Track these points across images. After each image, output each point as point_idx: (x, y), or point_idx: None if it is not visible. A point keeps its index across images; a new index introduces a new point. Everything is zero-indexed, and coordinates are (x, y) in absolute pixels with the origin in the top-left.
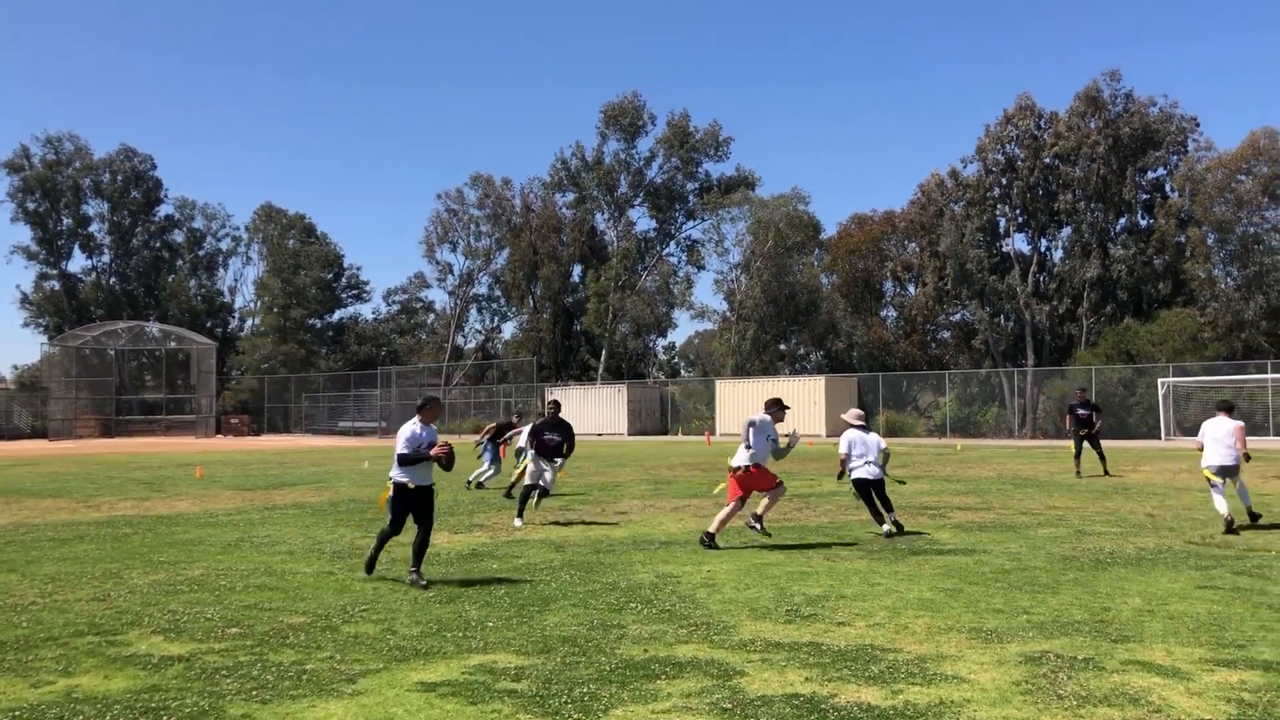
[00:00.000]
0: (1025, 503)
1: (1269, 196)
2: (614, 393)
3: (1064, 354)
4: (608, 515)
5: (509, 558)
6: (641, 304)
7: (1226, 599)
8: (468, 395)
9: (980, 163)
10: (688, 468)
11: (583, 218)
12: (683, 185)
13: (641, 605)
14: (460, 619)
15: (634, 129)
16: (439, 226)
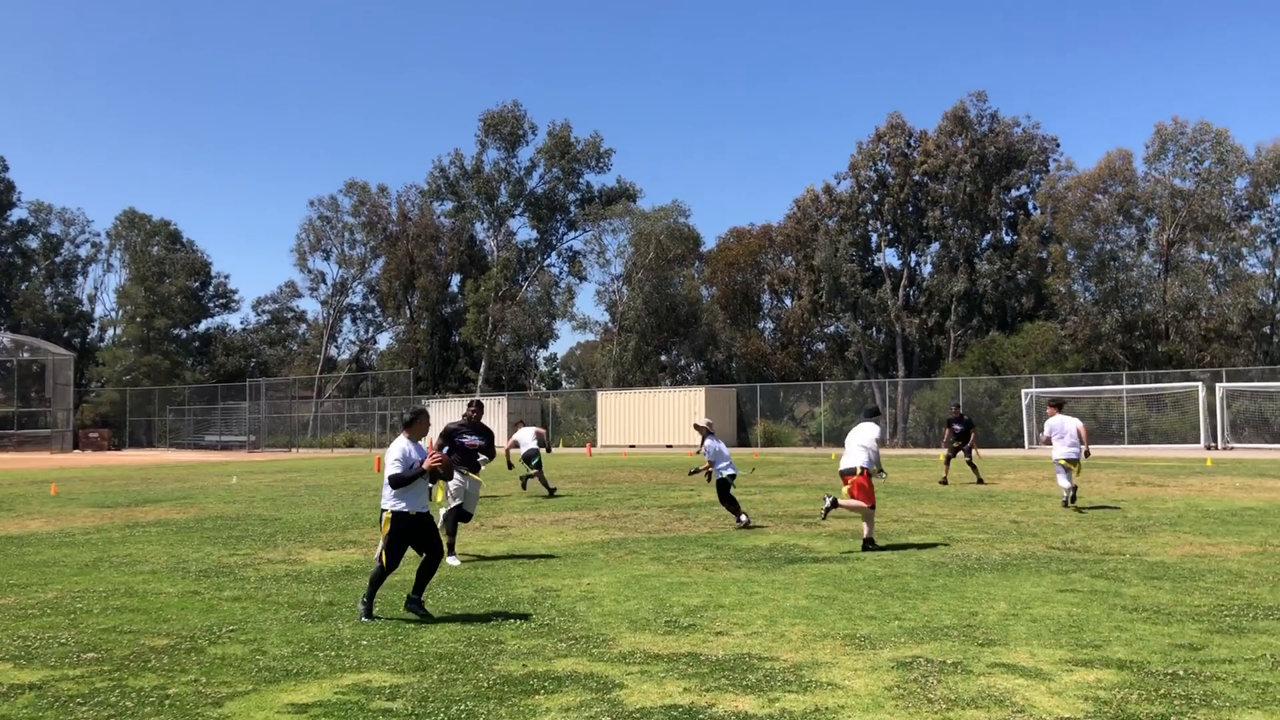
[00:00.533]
0: (896, 510)
1: (1123, 215)
2: (494, 405)
3: (933, 365)
4: (486, 529)
5: None
6: (522, 315)
7: (1085, 601)
8: (341, 408)
9: (853, 179)
10: (568, 480)
11: (461, 227)
12: (564, 195)
13: (520, 620)
14: (333, 638)
15: (514, 138)
16: (311, 234)
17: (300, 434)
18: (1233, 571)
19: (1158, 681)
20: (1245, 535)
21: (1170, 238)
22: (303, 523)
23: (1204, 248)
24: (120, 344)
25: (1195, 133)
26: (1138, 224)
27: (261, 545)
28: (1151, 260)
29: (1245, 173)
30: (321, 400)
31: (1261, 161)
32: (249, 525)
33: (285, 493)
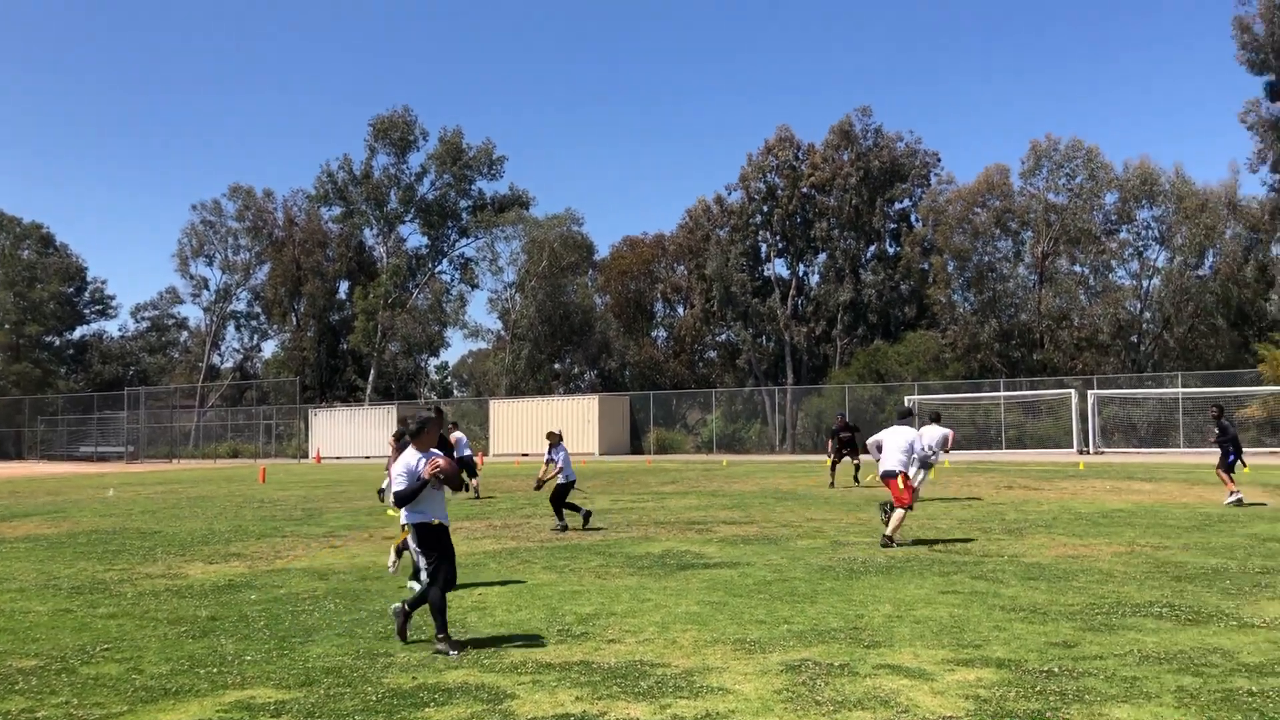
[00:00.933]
0: (786, 516)
1: (1000, 228)
2: (383, 414)
3: (820, 373)
4: (375, 541)
5: (269, 588)
6: (412, 322)
7: (966, 602)
8: (224, 417)
9: (743, 190)
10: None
11: (350, 233)
12: (455, 202)
13: (410, 631)
14: (215, 654)
15: (405, 144)
16: (194, 239)
17: (182, 444)
18: (1103, 571)
19: (1034, 679)
20: (1115, 536)
21: (1045, 250)
22: (184, 536)
23: (1076, 260)
24: None
25: (1068, 149)
26: (1014, 237)
27: (140, 560)
28: (1027, 272)
29: (1114, 188)
30: (204, 409)
31: (1129, 178)
32: (126, 539)
33: (165, 505)
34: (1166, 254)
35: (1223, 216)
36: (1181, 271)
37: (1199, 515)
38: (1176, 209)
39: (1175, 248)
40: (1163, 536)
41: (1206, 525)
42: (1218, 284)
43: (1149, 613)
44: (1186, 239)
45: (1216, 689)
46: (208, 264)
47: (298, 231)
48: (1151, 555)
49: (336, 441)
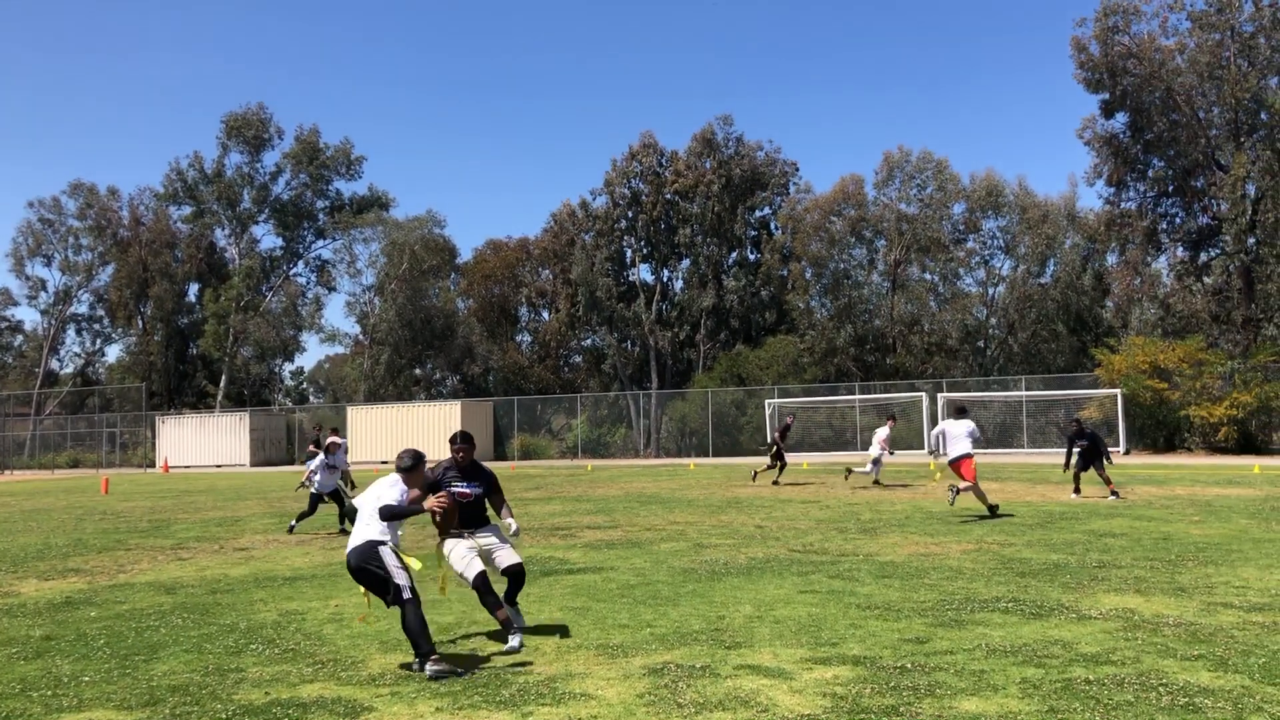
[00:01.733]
0: (650, 519)
1: (855, 236)
2: (235, 421)
3: (684, 377)
4: (227, 552)
5: (110, 604)
6: (266, 326)
7: (823, 601)
8: (64, 425)
9: (608, 195)
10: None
11: (200, 233)
12: (312, 203)
13: (264, 645)
14: (49, 675)
15: (259, 142)
16: (31, 238)
17: (16, 454)
18: (953, 568)
19: (888, 675)
20: (964, 534)
21: (897, 258)
22: (16, 551)
23: (926, 268)
24: None
25: (919, 161)
26: (868, 245)
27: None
28: (881, 279)
29: (962, 199)
30: (41, 417)
31: (975, 189)
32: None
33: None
34: (1011, 262)
35: (1063, 227)
36: (1024, 279)
37: (1042, 513)
38: (1020, 219)
39: (1019, 257)
40: (1008, 534)
41: (1049, 523)
42: (1058, 291)
43: (995, 608)
44: (1029, 248)
45: (1057, 679)
46: (45, 264)
47: (144, 231)
48: (998, 552)
49: (186, 450)
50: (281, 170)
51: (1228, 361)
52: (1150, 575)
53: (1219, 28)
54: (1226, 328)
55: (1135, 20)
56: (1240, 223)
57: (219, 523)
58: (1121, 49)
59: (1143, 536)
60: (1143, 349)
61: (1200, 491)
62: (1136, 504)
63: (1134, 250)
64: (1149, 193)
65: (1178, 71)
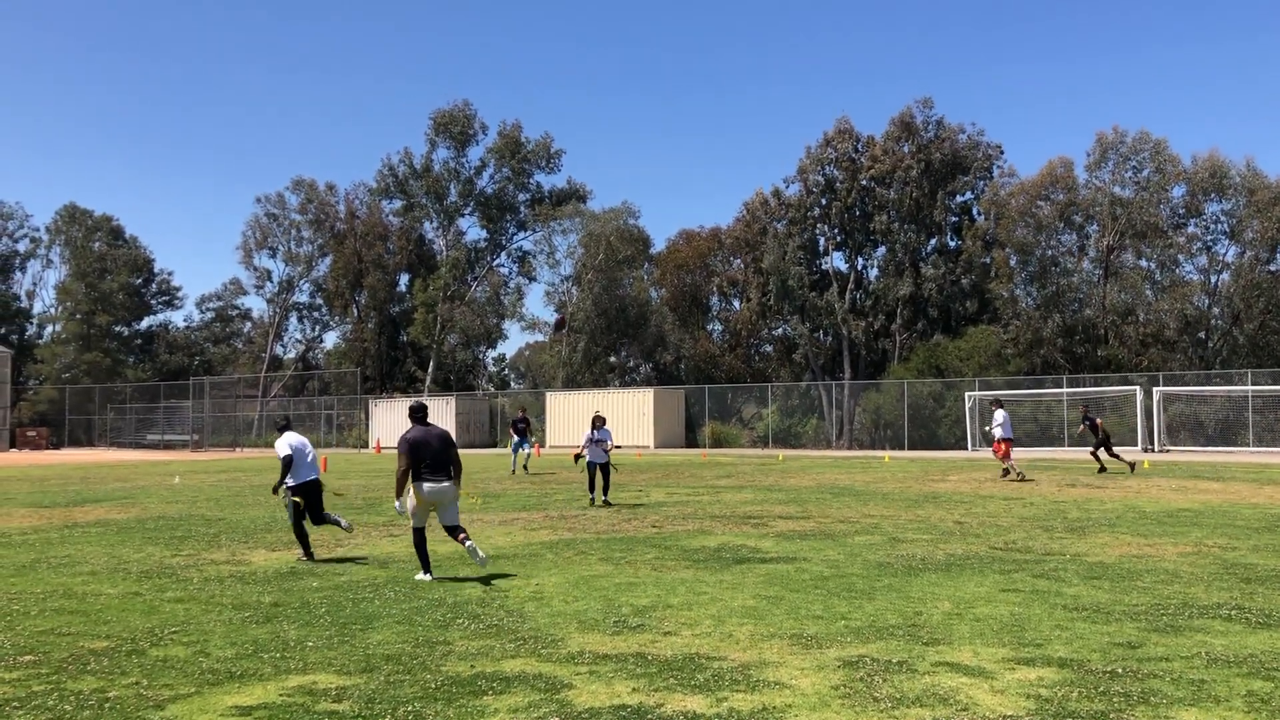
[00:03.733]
0: (843, 511)
1: (1064, 222)
2: (442, 405)
3: (879, 368)
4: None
5: (330, 575)
6: (471, 314)
7: (1026, 601)
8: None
9: (801, 183)
10: (517, 480)
11: (410, 226)
12: (514, 196)
13: (468, 620)
14: (278, 639)
15: (464, 137)
16: (258, 231)
17: (245, 434)
18: (1169, 571)
19: (1097, 679)
20: (1181, 536)
21: (1110, 244)
22: (247, 523)
23: (1142, 254)
24: (60, 341)
25: (1135, 142)
26: (1078, 230)
27: (205, 546)
28: (1091, 266)
29: (1181, 181)
30: (267, 399)
31: (1197, 170)
32: (192, 525)
33: (229, 493)
34: (1236, 249)
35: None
36: (1252, 266)
37: (1269, 516)
38: (1248, 202)
39: (1246, 242)
40: (1231, 537)
41: (1278, 526)
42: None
43: (1217, 614)
44: (1257, 233)
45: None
46: (271, 256)
47: (359, 224)
48: (1220, 556)
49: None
50: (485, 165)
51: None
52: None
53: None
54: None
55: None
56: None
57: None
58: None
59: None
60: None
61: None
62: None
63: None
64: None
65: None
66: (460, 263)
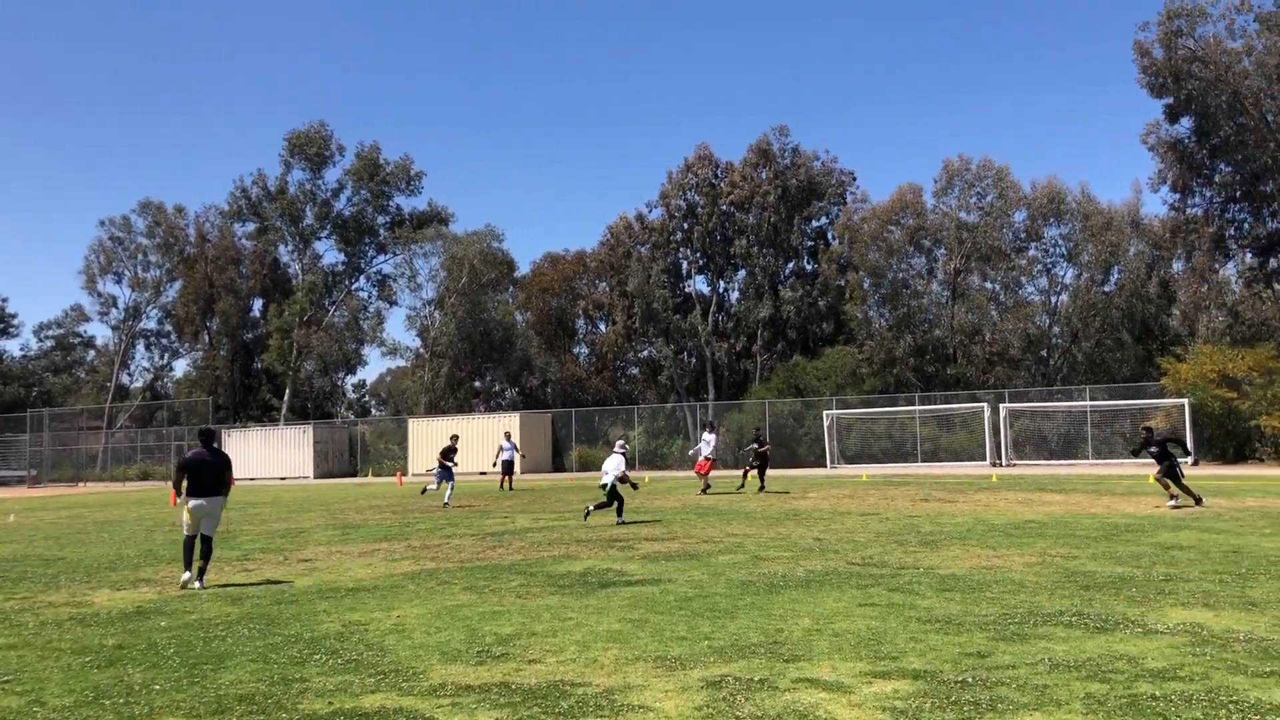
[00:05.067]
0: (707, 531)
1: (914, 245)
2: (299, 434)
3: (741, 388)
4: (291, 564)
5: (180, 614)
6: (329, 340)
7: (883, 614)
8: (134, 439)
9: (664, 208)
10: (378, 510)
11: (264, 249)
12: (373, 218)
13: (326, 656)
14: (121, 684)
15: (320, 159)
16: (102, 256)
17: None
18: (1015, 581)
19: (949, 689)
20: (1027, 547)
21: (957, 267)
22: (90, 562)
23: (987, 276)
24: None
25: (979, 169)
26: (927, 254)
27: (42, 587)
28: (940, 288)
29: (1022, 207)
30: (112, 431)
31: (1037, 196)
32: (28, 566)
33: (70, 530)
34: (1074, 271)
35: (1127, 234)
36: (1088, 288)
37: (1107, 525)
38: (1083, 227)
39: (1082, 264)
40: (1072, 546)
41: (1114, 535)
42: (1123, 300)
43: (1059, 621)
44: (1092, 256)
45: (1123, 694)
46: (116, 281)
47: (210, 248)
48: (1062, 565)
49: (251, 462)
50: (343, 187)
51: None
52: (1220, 589)
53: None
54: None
55: (1200, 23)
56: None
57: (283, 534)
58: (1186, 52)
59: (1212, 549)
60: (1211, 358)
61: (1272, 503)
62: (1205, 516)
63: (1201, 257)
64: (1216, 198)
65: (1245, 74)
66: (317, 287)
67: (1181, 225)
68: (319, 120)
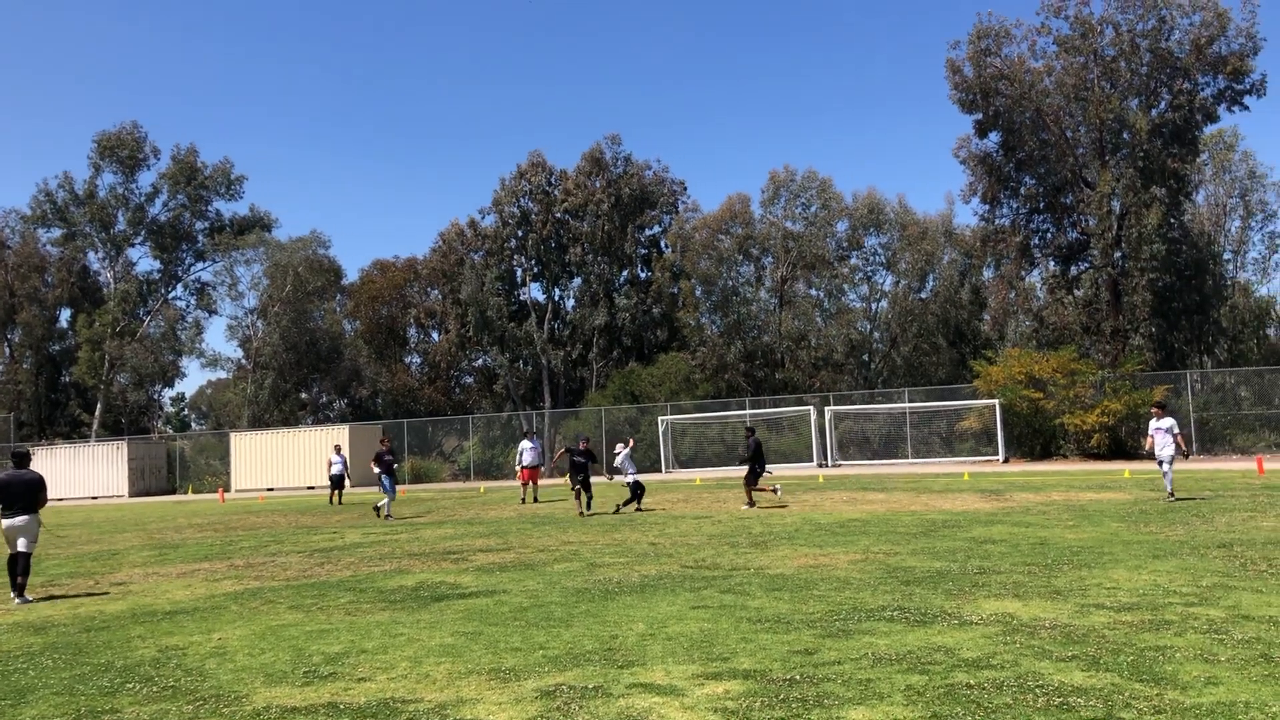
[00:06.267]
0: (543, 540)
1: (743, 254)
2: (112, 450)
3: (578, 396)
4: (102, 588)
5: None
6: (144, 352)
7: (715, 616)
8: None
9: (497, 215)
10: (198, 529)
11: (72, 256)
12: (191, 224)
13: (141, 684)
14: None
15: (133, 161)
16: None
17: None
18: (841, 579)
19: (778, 688)
20: (851, 545)
21: (784, 275)
22: None
23: (812, 284)
24: None
25: (804, 180)
26: (756, 262)
27: None
28: (769, 295)
29: (845, 217)
30: None
31: (858, 207)
32: None
33: None
34: (892, 278)
35: (941, 244)
36: (905, 295)
37: (925, 522)
38: (900, 236)
39: (900, 272)
40: (894, 543)
41: (932, 531)
42: (938, 306)
43: (881, 616)
44: (909, 264)
45: (940, 685)
46: None
47: (10, 255)
48: (884, 561)
49: (59, 482)
50: (158, 191)
51: (1098, 371)
52: (1028, 580)
53: (1083, 51)
54: (1096, 338)
55: (1006, 43)
56: (1107, 238)
57: (94, 557)
58: (993, 71)
59: (1021, 542)
60: (1018, 360)
61: (1075, 497)
62: (1015, 510)
63: (1008, 265)
64: (1021, 209)
65: (1046, 93)
66: (131, 296)
67: (990, 235)
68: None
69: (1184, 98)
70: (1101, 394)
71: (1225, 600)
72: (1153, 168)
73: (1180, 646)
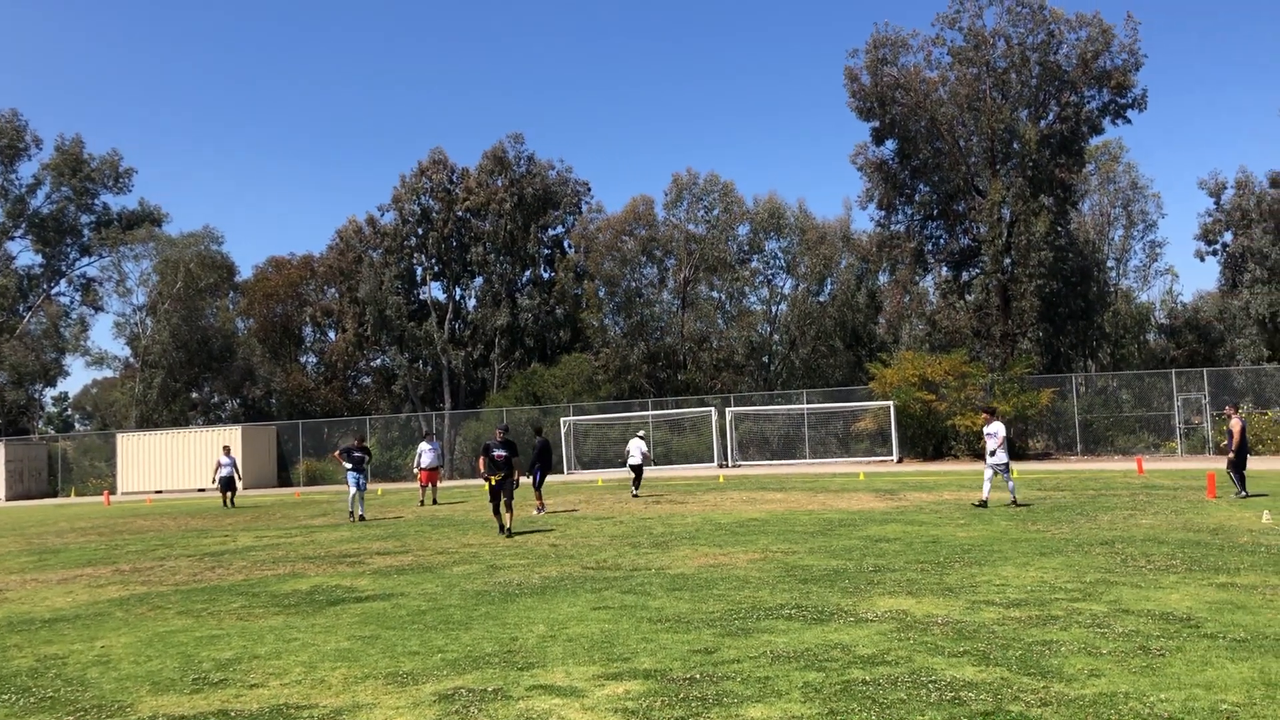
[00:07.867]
0: (442, 542)
1: (647, 255)
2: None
3: (479, 397)
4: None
5: None
6: (23, 349)
7: (616, 616)
8: None
9: (397, 212)
10: (81, 533)
11: None
12: (76, 217)
13: (16, 695)
14: None
15: (13, 151)
16: None
17: None
18: (740, 578)
19: (678, 687)
20: (750, 544)
21: (686, 277)
22: None
23: (714, 286)
24: None
25: (706, 183)
26: (659, 264)
27: None
28: (671, 297)
29: (746, 220)
30: None
31: (759, 211)
32: None
33: None
34: (792, 282)
35: (839, 248)
36: (804, 298)
37: (822, 521)
38: (800, 241)
39: (799, 276)
40: (792, 542)
41: (829, 530)
42: (835, 309)
43: (780, 615)
44: (808, 268)
45: (837, 681)
46: None
47: None
48: (782, 560)
49: None
50: (40, 182)
51: (988, 374)
52: (921, 577)
53: (976, 63)
54: (987, 342)
55: (903, 53)
56: (997, 244)
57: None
58: (890, 79)
59: (914, 540)
60: (912, 363)
61: (966, 496)
62: (908, 509)
63: (903, 270)
64: (916, 216)
65: (940, 102)
66: (9, 291)
67: (886, 240)
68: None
69: (1071, 110)
70: (991, 396)
71: (1107, 595)
72: (1041, 177)
73: (1065, 641)
